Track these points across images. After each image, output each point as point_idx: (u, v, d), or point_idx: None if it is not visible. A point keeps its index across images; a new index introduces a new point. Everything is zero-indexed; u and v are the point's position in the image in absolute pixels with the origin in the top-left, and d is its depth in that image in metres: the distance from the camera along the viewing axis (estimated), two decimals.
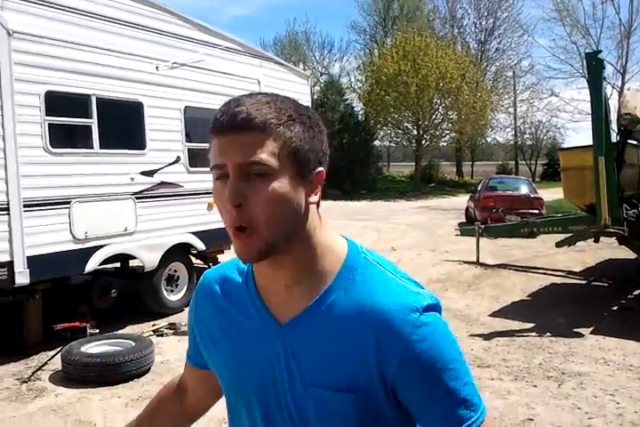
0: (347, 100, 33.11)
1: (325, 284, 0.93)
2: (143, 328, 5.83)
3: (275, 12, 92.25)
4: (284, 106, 0.89)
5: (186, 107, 6.64)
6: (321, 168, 0.92)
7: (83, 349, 4.63)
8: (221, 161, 0.88)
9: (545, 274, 8.68)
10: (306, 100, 9.04)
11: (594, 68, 6.50)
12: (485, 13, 41.28)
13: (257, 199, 0.85)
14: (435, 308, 0.92)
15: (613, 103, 12.63)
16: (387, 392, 0.90)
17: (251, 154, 0.85)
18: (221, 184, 0.88)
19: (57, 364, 4.72)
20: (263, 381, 0.96)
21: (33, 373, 4.64)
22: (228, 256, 7.05)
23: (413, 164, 33.19)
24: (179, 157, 6.55)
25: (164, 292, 6.43)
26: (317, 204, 0.93)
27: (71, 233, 5.29)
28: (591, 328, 5.77)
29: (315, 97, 29.19)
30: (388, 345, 0.87)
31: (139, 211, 5.96)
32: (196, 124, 6.83)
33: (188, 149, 6.68)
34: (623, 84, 35.63)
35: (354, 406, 0.89)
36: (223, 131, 0.87)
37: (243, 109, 0.86)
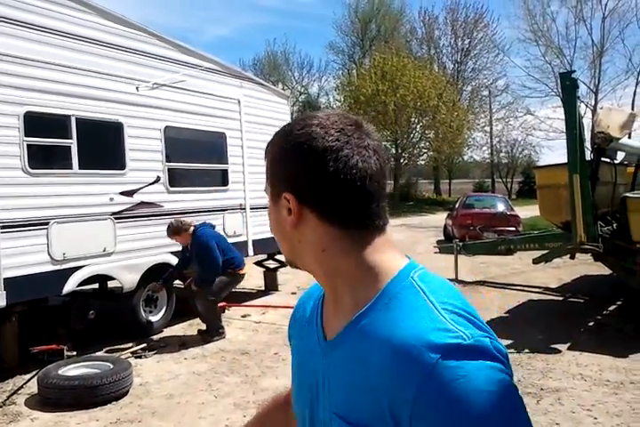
0: None
1: (364, 306, 0.86)
2: (121, 350, 5.76)
3: (254, 32, 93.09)
4: (282, 130, 0.92)
5: (166, 127, 6.67)
6: (286, 192, 0.87)
7: (60, 371, 4.56)
8: None
9: (522, 291, 8.78)
10: (285, 120, 9.12)
11: (568, 88, 6.67)
12: (462, 34, 42.12)
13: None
14: (471, 352, 0.74)
15: (587, 122, 12.95)
16: None
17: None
18: None
19: (33, 387, 4.64)
20: (310, 400, 0.93)
21: (8, 397, 4.56)
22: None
23: (392, 182, 33.45)
24: (159, 176, 6.55)
25: (143, 313, 6.37)
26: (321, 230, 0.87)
27: (49, 254, 5.24)
28: (568, 344, 5.85)
29: (293, 116, 29.39)
30: (399, 389, 0.75)
31: (118, 231, 5.94)
32: (176, 143, 6.86)
33: (169, 169, 6.68)
34: (596, 102, 36.50)
35: None
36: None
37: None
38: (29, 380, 4.83)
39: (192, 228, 6.23)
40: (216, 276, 6.16)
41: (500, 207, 15.52)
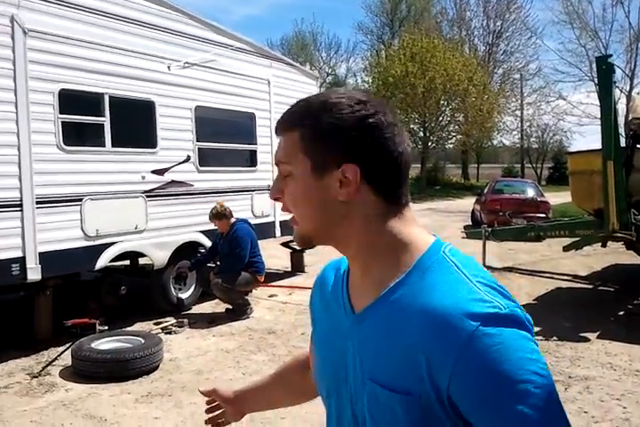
0: None
1: (397, 277, 0.90)
2: (151, 326, 5.88)
3: (282, 12, 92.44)
4: (308, 104, 0.92)
5: (197, 106, 6.69)
6: (349, 164, 0.88)
7: (93, 345, 4.67)
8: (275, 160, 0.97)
9: (551, 278, 8.68)
10: None
11: (604, 73, 6.51)
12: (494, 15, 41.29)
13: (287, 195, 0.93)
14: (507, 321, 0.80)
15: (621, 107, 12.62)
16: (442, 404, 0.81)
17: (280, 154, 0.93)
18: None
19: (67, 359, 4.76)
20: (338, 372, 0.96)
21: (43, 368, 4.69)
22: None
23: (419, 166, 33.16)
24: (189, 155, 6.59)
25: (173, 290, 6.47)
26: (367, 200, 0.89)
27: (82, 230, 5.34)
28: (597, 333, 5.78)
29: None
30: (439, 354, 0.80)
31: (149, 209, 6.01)
32: (206, 123, 6.88)
33: (199, 149, 6.72)
34: (631, 88, 35.69)
35: (403, 408, 0.84)
36: (276, 132, 0.96)
37: (286, 114, 0.94)
38: (63, 352, 4.95)
39: (233, 219, 6.29)
40: (237, 271, 6.22)
41: (530, 193, 15.31)
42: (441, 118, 32.76)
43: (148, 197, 6.01)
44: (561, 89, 74.00)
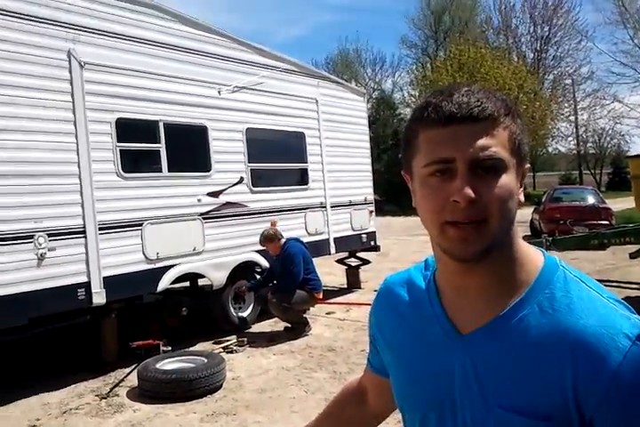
0: (399, 115, 33.02)
1: (517, 296, 0.85)
2: (212, 345, 5.95)
3: (326, 31, 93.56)
4: (503, 96, 0.86)
5: (247, 128, 6.82)
6: (528, 164, 0.88)
7: (158, 365, 4.77)
8: (448, 155, 0.81)
9: (619, 287, 8.34)
10: (363, 117, 9.12)
11: None
12: (540, 21, 40.57)
13: (489, 195, 0.80)
14: None
15: None
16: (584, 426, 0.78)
17: (485, 147, 0.80)
18: (438, 180, 0.83)
19: (133, 380, 4.88)
20: (441, 396, 0.90)
21: (111, 389, 4.81)
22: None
23: None
24: (242, 177, 6.71)
25: (232, 309, 6.55)
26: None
27: (144, 254, 5.49)
28: None
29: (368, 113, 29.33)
30: (591, 374, 0.76)
31: (206, 231, 6.14)
32: (257, 144, 7.00)
33: (251, 170, 6.83)
34: None
35: None
36: (451, 120, 0.81)
37: (472, 99, 0.82)
38: (130, 373, 5.07)
39: (284, 239, 6.35)
40: (292, 289, 6.23)
41: (591, 200, 14.82)
42: None
43: (204, 219, 6.14)
44: (616, 91, 71.73)
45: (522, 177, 0.87)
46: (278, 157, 7.48)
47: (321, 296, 6.60)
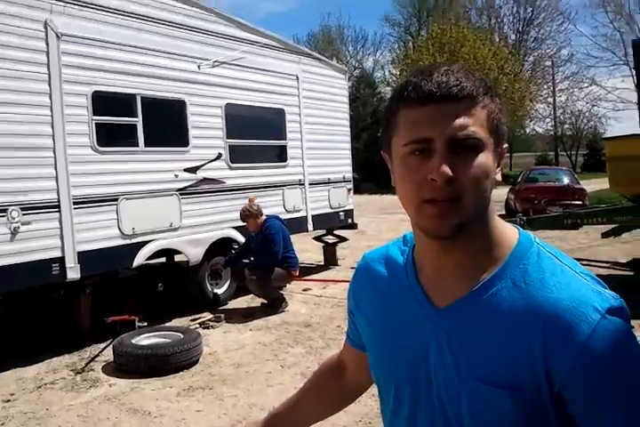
0: (380, 93, 32.88)
1: (492, 270, 0.87)
2: (189, 321, 5.97)
3: (308, 7, 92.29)
4: (482, 76, 0.86)
5: (227, 104, 6.75)
6: (506, 144, 0.89)
7: (134, 341, 4.77)
8: (427, 134, 0.81)
9: (589, 265, 8.48)
10: (343, 95, 9.07)
11: None
12: (524, 2, 40.49)
13: (465, 173, 0.81)
14: (621, 313, 0.81)
15: None
16: (553, 399, 0.80)
17: (463, 127, 0.81)
18: (417, 158, 0.83)
19: (108, 355, 4.88)
20: (415, 368, 0.91)
21: (86, 364, 4.81)
22: None
23: None
24: (220, 153, 6.65)
25: (209, 286, 6.56)
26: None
27: (119, 229, 5.45)
28: None
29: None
30: (560, 347, 0.78)
31: (183, 207, 6.10)
32: (236, 120, 6.93)
33: (229, 146, 6.78)
34: None
35: (513, 405, 0.81)
36: (429, 100, 0.81)
37: (452, 78, 0.82)
38: (105, 348, 5.07)
39: (264, 217, 6.33)
40: (271, 267, 6.26)
41: (565, 180, 15.02)
42: None
43: (181, 195, 6.10)
44: (594, 74, 72.20)
45: (500, 157, 0.87)
46: (257, 133, 7.42)
47: (297, 273, 6.64)
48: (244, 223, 6.39)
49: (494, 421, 0.83)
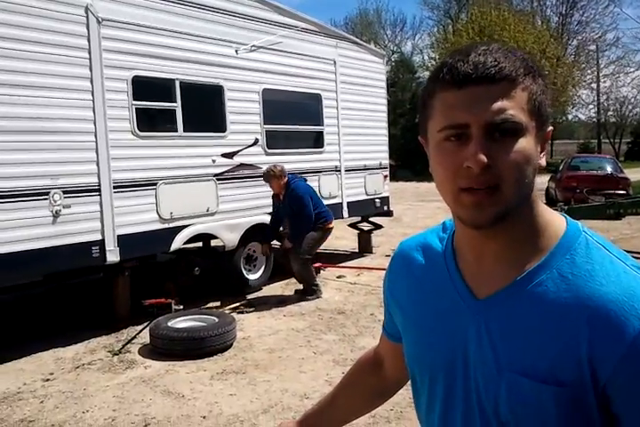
0: (418, 78, 32.42)
1: (536, 260, 0.83)
2: (224, 306, 6.03)
3: None
4: (524, 55, 0.82)
5: (264, 89, 6.73)
6: (551, 127, 0.85)
7: (169, 324, 4.85)
8: (463, 120, 0.78)
9: (633, 257, 8.29)
10: (381, 80, 8.95)
11: None
12: None
13: (504, 159, 0.77)
14: None
15: None
16: (597, 396, 0.77)
17: (501, 110, 0.77)
18: (453, 144, 0.80)
19: (145, 338, 4.97)
20: (452, 359, 0.89)
21: (123, 346, 4.91)
22: None
23: None
24: (257, 138, 6.66)
25: (244, 270, 6.61)
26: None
27: (158, 213, 5.51)
28: None
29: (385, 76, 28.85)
30: (608, 342, 0.75)
31: (220, 192, 6.14)
32: (273, 106, 6.92)
33: (266, 131, 6.77)
34: None
35: (555, 401, 0.78)
36: (465, 82, 0.78)
37: (489, 58, 0.78)
38: (141, 330, 5.16)
39: (286, 178, 6.29)
40: (309, 230, 6.24)
41: (608, 169, 14.63)
42: None
43: (218, 180, 6.13)
44: None
45: (543, 140, 0.83)
46: (294, 119, 7.40)
47: (332, 225, 6.58)
48: (268, 185, 6.35)
49: (534, 415, 0.80)
